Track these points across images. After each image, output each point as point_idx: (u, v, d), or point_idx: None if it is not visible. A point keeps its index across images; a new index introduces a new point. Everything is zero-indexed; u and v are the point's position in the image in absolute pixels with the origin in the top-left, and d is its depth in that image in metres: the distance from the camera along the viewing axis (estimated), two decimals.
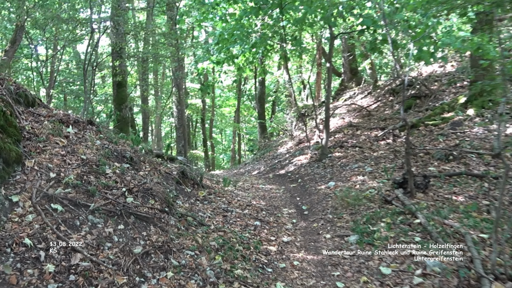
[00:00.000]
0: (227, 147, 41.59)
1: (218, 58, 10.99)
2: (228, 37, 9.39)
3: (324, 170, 9.16)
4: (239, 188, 8.13)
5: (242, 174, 12.70)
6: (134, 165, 5.47)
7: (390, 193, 6.42)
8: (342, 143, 10.81)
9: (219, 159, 45.41)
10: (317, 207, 6.70)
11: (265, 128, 17.98)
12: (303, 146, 12.43)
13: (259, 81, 18.04)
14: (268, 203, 6.99)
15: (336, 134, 11.87)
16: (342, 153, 9.95)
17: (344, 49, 16.96)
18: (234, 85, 32.66)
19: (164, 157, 7.31)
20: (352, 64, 17.23)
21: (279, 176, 10.30)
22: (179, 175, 6.21)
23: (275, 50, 12.82)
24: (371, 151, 9.58)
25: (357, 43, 15.66)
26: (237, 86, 29.11)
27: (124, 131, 11.67)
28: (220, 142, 45.82)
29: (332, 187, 7.65)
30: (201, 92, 11.34)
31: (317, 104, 17.93)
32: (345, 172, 8.53)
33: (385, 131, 10.61)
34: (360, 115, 13.07)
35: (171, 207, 4.82)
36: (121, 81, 11.51)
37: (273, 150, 14.32)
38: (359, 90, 16.63)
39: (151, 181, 5.08)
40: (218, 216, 5.50)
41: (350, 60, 17.35)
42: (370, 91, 15.64)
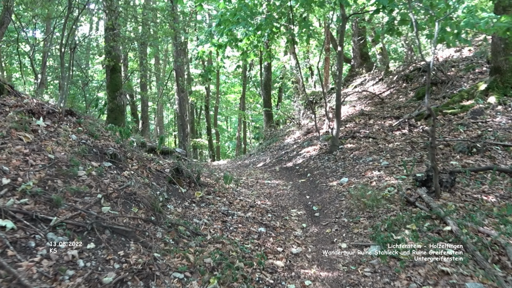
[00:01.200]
0: (233, 134, 40.89)
1: (220, 41, 10.18)
2: (231, 17, 8.55)
3: (336, 164, 8.38)
4: (243, 185, 7.39)
5: (247, 166, 11.95)
6: (118, 163, 4.72)
7: (411, 193, 5.64)
8: (354, 133, 10.00)
9: (224, 147, 44.78)
10: (329, 207, 5.94)
11: (271, 117, 17.17)
12: (311, 136, 11.63)
13: (265, 67, 17.17)
14: (274, 203, 6.24)
15: (347, 123, 11.05)
16: (354, 145, 9.16)
17: (355, 33, 16.02)
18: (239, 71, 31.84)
19: (157, 151, 6.57)
20: (363, 49, 16.29)
21: (286, 170, 9.53)
22: (172, 173, 5.47)
23: (282, 33, 11.95)
24: (385, 142, 8.78)
25: (369, 25, 14.72)
26: (242, 72, 28.27)
27: (119, 120, 10.92)
28: (226, 130, 45.12)
29: (345, 183, 6.88)
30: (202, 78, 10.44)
31: (326, 90, 17.07)
32: (358, 166, 7.75)
33: (400, 120, 9.78)
34: (372, 103, 12.22)
35: (160, 214, 4.08)
36: (114, 66, 10.70)
37: (280, 140, 13.54)
38: (370, 76, 15.73)
39: (136, 183, 4.33)
40: (217, 222, 4.76)
41: (361, 45, 16.41)
42: (381, 77, 14.74)
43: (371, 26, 15.67)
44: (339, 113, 9.31)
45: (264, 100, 17.18)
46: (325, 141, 10.26)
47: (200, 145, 30.70)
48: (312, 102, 16.18)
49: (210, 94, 31.23)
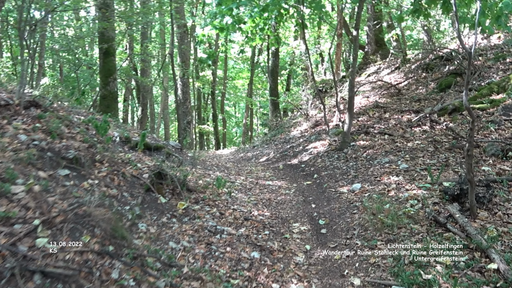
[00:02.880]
0: (241, 120, 39.89)
1: (222, 23, 9.17)
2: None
3: (346, 164, 7.42)
4: (240, 187, 6.47)
5: (249, 160, 11.03)
6: (80, 170, 3.82)
7: (440, 209, 4.68)
8: (367, 128, 9.00)
9: (232, 133, 43.94)
10: (338, 222, 5.01)
11: (278, 106, 16.15)
12: (320, 130, 10.65)
13: (272, 53, 16.09)
14: (274, 213, 5.32)
15: (359, 116, 10.03)
16: (368, 142, 8.17)
17: (370, 17, 14.84)
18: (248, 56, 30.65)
19: (138, 149, 5.64)
20: (379, 35, 15.12)
21: (291, 167, 8.59)
22: (152, 179, 4.56)
23: (291, 15, 10.87)
24: (404, 140, 7.79)
25: (387, 9, 13.54)
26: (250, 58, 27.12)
27: (111, 108, 10.03)
28: (234, 115, 44.19)
29: (357, 191, 5.93)
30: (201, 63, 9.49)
31: (337, 79, 16.00)
32: (373, 168, 6.78)
33: (421, 115, 8.75)
34: (388, 94, 11.16)
35: (122, 241, 3.18)
36: (107, 49, 9.75)
37: (286, 132, 12.56)
38: (385, 65, 14.60)
39: (97, 198, 3.42)
40: (200, 244, 3.85)
41: (376, 30, 15.24)
42: (398, 66, 13.62)
43: (388, 9, 14.49)
44: (352, 106, 8.31)
45: (271, 88, 16.15)
46: (334, 136, 9.28)
47: (206, 131, 29.81)
48: (322, 91, 15.13)
49: (217, 80, 30.19)
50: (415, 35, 22.78)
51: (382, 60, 15.11)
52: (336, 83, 10.22)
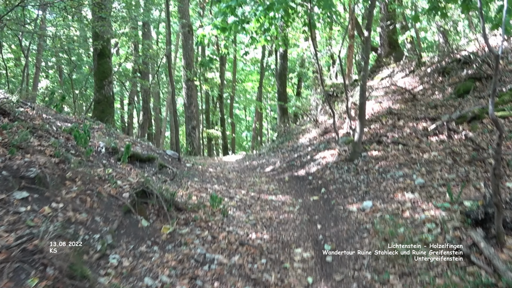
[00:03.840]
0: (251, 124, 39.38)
1: (223, 23, 8.65)
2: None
3: (357, 177, 6.81)
4: (239, 203, 5.91)
5: (254, 169, 10.45)
6: (44, 191, 3.30)
7: (462, 235, 4.06)
8: (380, 136, 8.37)
9: (241, 138, 43.43)
10: (346, 247, 4.41)
11: (286, 111, 15.55)
12: (329, 138, 10.03)
13: (280, 55, 15.52)
14: (274, 236, 4.75)
15: (371, 123, 9.40)
16: (380, 152, 7.55)
17: (383, 17, 14.19)
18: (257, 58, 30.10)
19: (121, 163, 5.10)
20: (392, 36, 14.45)
21: (297, 179, 8.00)
22: (133, 199, 4.03)
23: (298, 15, 10.30)
24: (419, 151, 7.14)
25: (400, 8, 12.88)
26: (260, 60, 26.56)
27: (106, 113, 9.56)
28: (244, 119, 43.68)
29: (368, 209, 5.32)
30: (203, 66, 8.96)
31: (348, 82, 15.36)
32: (385, 183, 6.17)
33: (437, 123, 8.08)
34: (402, 99, 10.50)
35: (83, 281, 2.64)
36: (102, 50, 9.28)
37: (294, 139, 11.97)
38: (398, 68, 13.92)
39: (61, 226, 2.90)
40: (182, 279, 3.30)
41: (389, 31, 14.57)
42: (412, 69, 12.93)
43: (402, 9, 13.82)
44: (363, 113, 7.70)
45: (279, 92, 15.57)
46: (345, 145, 8.66)
47: (214, 136, 29.33)
48: (332, 95, 14.51)
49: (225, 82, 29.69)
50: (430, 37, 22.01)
51: (396, 63, 14.44)
52: (346, 88, 9.61)
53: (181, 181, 6.21)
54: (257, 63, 28.86)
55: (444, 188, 5.44)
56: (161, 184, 5.47)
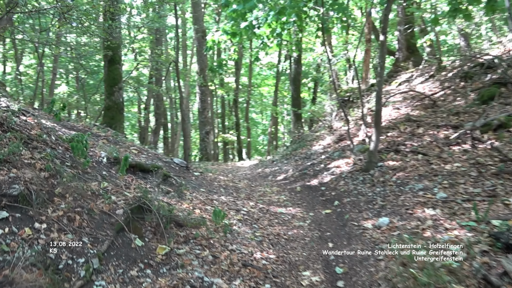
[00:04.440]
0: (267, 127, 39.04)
1: (233, 28, 8.37)
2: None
3: (372, 189, 6.40)
4: (246, 217, 5.57)
5: (266, 177, 10.12)
6: (27, 210, 3.02)
7: (491, 261, 3.63)
8: (398, 145, 7.93)
9: (258, 142, 43.18)
10: (360, 272, 4.02)
11: (300, 117, 15.17)
12: (344, 145, 9.62)
13: (294, 60, 15.16)
14: (281, 256, 4.39)
15: (388, 131, 8.96)
16: (398, 162, 7.11)
17: (401, 20, 13.70)
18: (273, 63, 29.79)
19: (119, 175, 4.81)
20: (411, 40, 13.95)
21: (310, 190, 7.62)
22: (127, 216, 3.72)
23: (312, 19, 9.95)
24: (441, 162, 6.69)
25: (419, 12, 12.39)
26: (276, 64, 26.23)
27: (116, 120, 9.37)
28: (260, 123, 43.47)
29: (385, 227, 4.91)
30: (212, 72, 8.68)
31: (364, 87, 14.89)
32: (404, 196, 5.74)
33: (460, 131, 7.61)
34: (421, 106, 10.01)
35: None
36: (112, 56, 9.11)
37: (307, 146, 11.58)
38: (417, 72, 13.39)
39: (42, 250, 2.61)
40: None
41: (408, 35, 14.06)
42: (432, 74, 12.41)
43: (421, 13, 13.31)
44: (379, 121, 7.29)
45: (293, 97, 15.21)
46: (360, 154, 8.25)
47: (229, 140, 29.11)
48: (348, 100, 14.07)
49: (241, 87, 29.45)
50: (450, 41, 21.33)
51: (415, 67, 13.91)
52: (362, 94, 9.20)
53: (186, 192, 5.90)
54: (273, 68, 28.58)
55: (468, 204, 5.00)
56: (163, 197, 5.18)
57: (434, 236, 4.30)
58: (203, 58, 16.51)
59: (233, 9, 6.71)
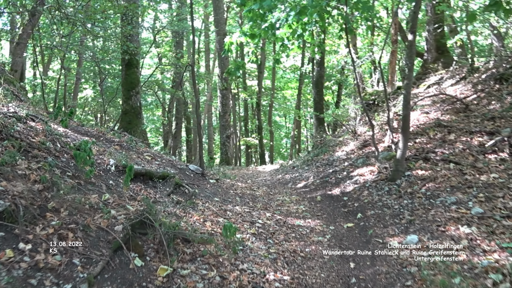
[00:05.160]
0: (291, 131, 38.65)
1: (252, 29, 8.02)
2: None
3: (399, 201, 5.90)
4: (260, 230, 5.18)
5: (286, 184, 9.71)
6: (14, 227, 2.74)
7: None
8: (427, 153, 7.38)
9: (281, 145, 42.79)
10: None
11: (322, 121, 14.66)
12: (368, 152, 9.11)
13: (317, 62, 14.69)
14: (296, 277, 3.98)
15: (417, 137, 8.40)
16: (427, 172, 6.58)
17: (430, 20, 13.05)
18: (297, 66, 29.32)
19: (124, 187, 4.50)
20: (441, 40, 13.27)
21: (331, 199, 7.18)
22: (126, 232, 3.40)
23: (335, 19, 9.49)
24: (475, 172, 6.13)
25: (450, 10, 11.73)
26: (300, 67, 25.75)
27: (133, 124, 9.17)
28: (283, 125, 43.09)
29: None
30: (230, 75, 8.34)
31: (390, 90, 14.29)
32: (434, 210, 5.24)
33: (497, 138, 7.00)
34: (453, 110, 9.40)
35: None
36: (130, 60, 8.91)
37: (330, 152, 11.10)
38: (448, 74, 12.70)
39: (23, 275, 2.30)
40: None
41: (437, 35, 13.39)
42: (464, 76, 11.72)
43: (451, 12, 12.63)
44: (407, 127, 6.77)
45: (315, 101, 14.72)
46: (385, 161, 7.74)
47: (252, 144, 28.81)
48: (374, 103, 13.51)
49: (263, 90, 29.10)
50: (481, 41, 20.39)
51: (445, 69, 13.22)
52: (388, 97, 8.68)
53: (198, 202, 5.57)
54: (297, 71, 28.13)
55: (509, 221, 4.47)
56: (172, 208, 4.86)
57: (471, 260, 3.81)
58: (224, 61, 16.25)
59: (249, 9, 6.35)
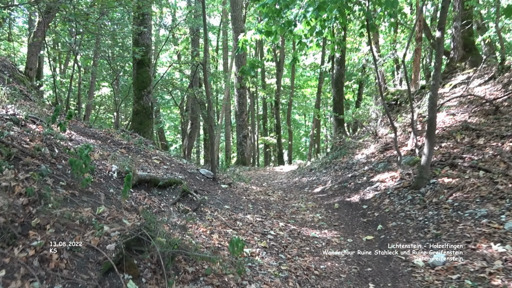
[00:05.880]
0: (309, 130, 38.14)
1: (268, 26, 7.66)
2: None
3: (423, 213, 5.44)
4: (272, 243, 4.82)
5: (302, 188, 9.31)
6: None
7: None
8: (454, 158, 6.87)
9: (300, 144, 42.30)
10: None
11: (342, 122, 14.16)
12: (390, 155, 8.63)
13: (337, 60, 14.19)
14: None
15: (442, 140, 7.88)
16: (454, 179, 6.09)
17: (457, 16, 12.40)
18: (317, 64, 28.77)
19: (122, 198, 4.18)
20: (469, 38, 12.60)
21: (349, 207, 6.75)
22: (120, 251, 3.09)
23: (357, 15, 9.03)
24: (508, 181, 5.61)
25: (479, 6, 11.08)
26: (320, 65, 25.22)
27: (144, 125, 8.91)
28: (303, 124, 42.61)
29: (439, 266, 4.00)
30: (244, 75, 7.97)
31: (414, 90, 13.69)
32: (463, 224, 4.77)
33: None
34: (481, 112, 8.81)
35: None
36: (142, 58, 8.65)
37: (349, 155, 10.63)
38: (476, 73, 12.04)
39: None
40: None
41: (465, 32, 12.71)
42: (493, 75, 11.06)
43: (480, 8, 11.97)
44: (433, 131, 6.28)
45: (334, 101, 14.22)
46: (408, 167, 7.25)
47: (269, 143, 28.42)
48: (396, 103, 12.95)
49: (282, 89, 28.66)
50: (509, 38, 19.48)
51: (472, 67, 12.55)
52: (412, 97, 8.17)
53: (206, 211, 5.25)
54: (317, 69, 27.58)
55: None
56: (177, 218, 4.54)
57: (506, 286, 3.36)
58: (241, 59, 15.92)
59: (263, 3, 5.99)
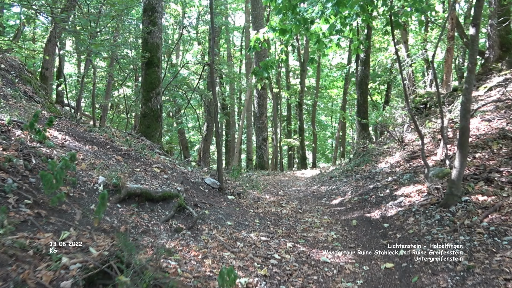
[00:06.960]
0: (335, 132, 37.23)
1: (282, 24, 7.09)
2: None
3: (453, 237, 4.71)
4: (274, 270, 4.21)
5: (319, 199, 8.64)
6: None
7: None
8: (489, 172, 6.07)
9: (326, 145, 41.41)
10: None
11: (366, 126, 13.35)
12: (417, 165, 7.85)
13: (361, 61, 13.40)
14: None
15: (476, 150, 7.06)
16: (490, 197, 5.32)
17: (494, 13, 11.43)
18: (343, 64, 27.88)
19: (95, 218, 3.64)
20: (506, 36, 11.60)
21: (368, 225, 6.05)
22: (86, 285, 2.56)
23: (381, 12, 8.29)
24: None
25: None
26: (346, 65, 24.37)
27: (152, 129, 8.46)
28: (329, 125, 41.73)
29: None
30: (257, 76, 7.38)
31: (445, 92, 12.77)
32: (500, 255, 4.03)
33: None
34: None
35: None
36: (150, 58, 8.20)
37: (372, 163, 9.87)
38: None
39: None
40: None
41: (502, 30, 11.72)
42: None
43: None
44: (466, 141, 5.51)
45: (358, 103, 13.43)
46: (437, 180, 6.48)
47: (293, 145, 27.74)
48: (425, 107, 12.06)
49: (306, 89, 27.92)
50: None
51: (510, 69, 11.54)
52: (441, 102, 7.38)
53: (204, 229, 4.70)
54: (343, 69, 26.72)
55: None
56: (167, 240, 4.00)
57: None
58: (261, 59, 15.33)
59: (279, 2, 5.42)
